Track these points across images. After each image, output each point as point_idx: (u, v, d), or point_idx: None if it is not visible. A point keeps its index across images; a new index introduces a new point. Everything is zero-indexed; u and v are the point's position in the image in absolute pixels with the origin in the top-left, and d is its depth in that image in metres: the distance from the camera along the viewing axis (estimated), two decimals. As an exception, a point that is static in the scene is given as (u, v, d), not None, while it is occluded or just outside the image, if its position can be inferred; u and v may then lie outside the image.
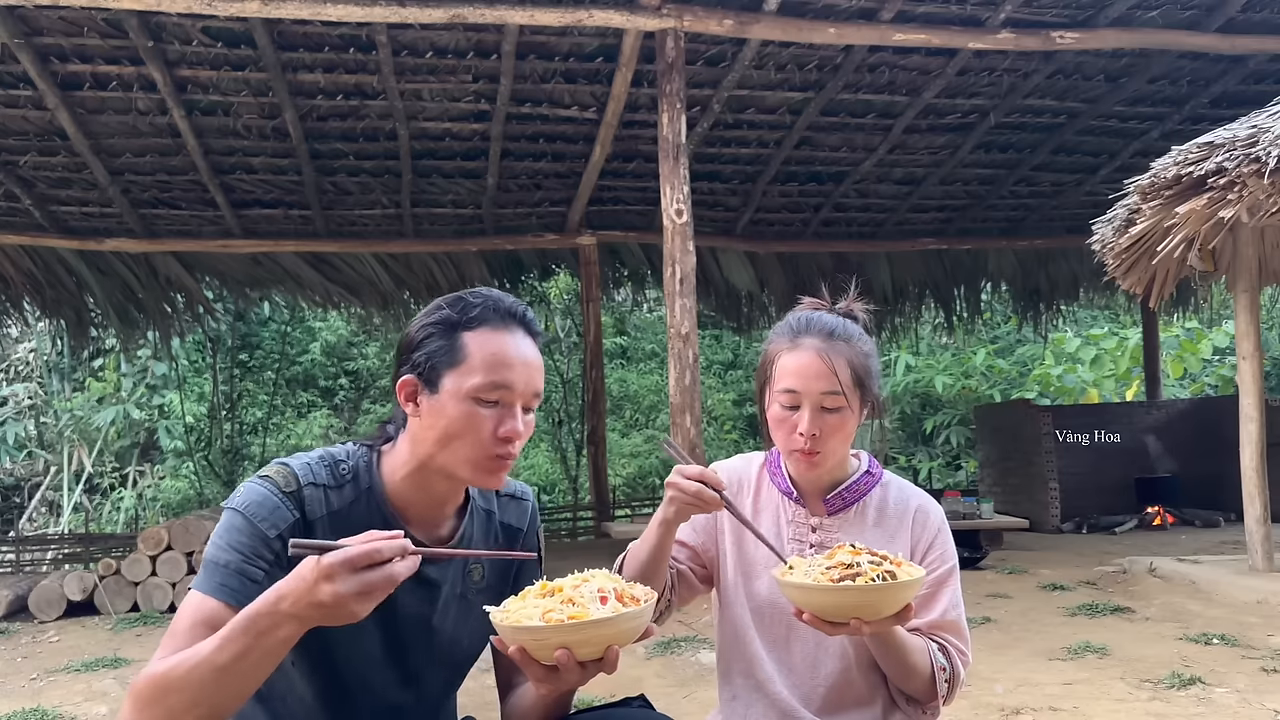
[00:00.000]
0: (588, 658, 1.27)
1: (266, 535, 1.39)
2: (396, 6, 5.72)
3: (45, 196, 8.59)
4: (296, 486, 1.44)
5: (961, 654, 1.71)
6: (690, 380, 5.93)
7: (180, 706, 1.23)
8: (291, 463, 1.48)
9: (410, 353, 1.47)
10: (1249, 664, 4.11)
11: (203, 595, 1.34)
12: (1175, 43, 6.90)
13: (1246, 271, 5.96)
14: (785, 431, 1.69)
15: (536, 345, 1.50)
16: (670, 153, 6.02)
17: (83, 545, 9.35)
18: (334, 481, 1.47)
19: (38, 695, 4.50)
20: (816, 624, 1.48)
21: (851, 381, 1.68)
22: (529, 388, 1.46)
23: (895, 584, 1.43)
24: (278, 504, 1.41)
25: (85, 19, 6.20)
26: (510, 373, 1.43)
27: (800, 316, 1.75)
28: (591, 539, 10.02)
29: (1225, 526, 8.78)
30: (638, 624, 1.29)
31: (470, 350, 1.43)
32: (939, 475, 13.87)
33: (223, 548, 1.38)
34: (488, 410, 1.42)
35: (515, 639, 1.26)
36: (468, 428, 1.42)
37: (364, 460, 1.51)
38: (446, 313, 1.46)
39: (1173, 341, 13.63)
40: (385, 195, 8.94)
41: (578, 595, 1.29)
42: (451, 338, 1.44)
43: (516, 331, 1.47)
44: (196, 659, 1.23)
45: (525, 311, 1.50)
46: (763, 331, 12.02)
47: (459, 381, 1.42)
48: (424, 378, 1.44)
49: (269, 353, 14.56)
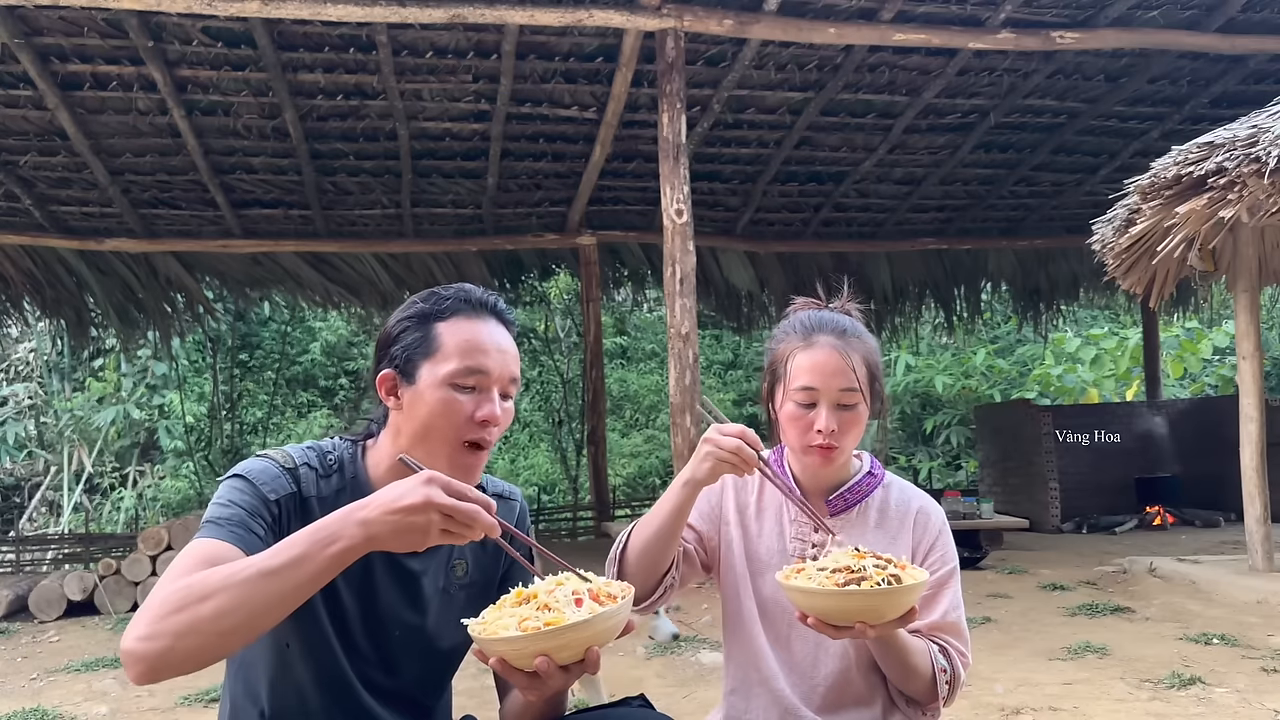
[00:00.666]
0: (568, 661, 1.26)
1: (267, 497, 1.42)
2: (396, 6, 5.72)
3: (45, 196, 8.59)
4: (294, 465, 1.49)
5: (962, 655, 1.71)
6: (690, 380, 5.93)
7: (209, 614, 1.17)
8: (286, 448, 1.53)
9: (388, 348, 1.50)
10: (1249, 664, 4.10)
11: (210, 540, 1.33)
12: (1175, 43, 6.90)
13: (1246, 271, 5.96)
14: (800, 429, 1.68)
15: (511, 334, 1.53)
16: (670, 153, 6.02)
17: (83, 545, 9.36)
18: (322, 470, 1.51)
19: (38, 695, 4.50)
20: (821, 628, 1.47)
21: (866, 378, 1.69)
22: (504, 372, 1.49)
23: (900, 588, 1.42)
24: (278, 473, 1.46)
25: (85, 19, 6.20)
26: (485, 358, 1.46)
27: (809, 315, 1.75)
28: (591, 539, 10.02)
29: (1225, 526, 8.77)
30: (615, 623, 1.27)
31: (444, 339, 1.47)
32: (939, 475, 13.87)
33: (225, 503, 1.39)
34: (465, 395, 1.45)
35: (493, 650, 1.25)
36: (445, 413, 1.44)
37: (349, 453, 1.55)
38: (420, 306, 1.50)
39: (1173, 341, 13.63)
40: (385, 195, 8.94)
41: (552, 600, 1.27)
42: (426, 329, 1.48)
43: (489, 320, 1.51)
44: (241, 565, 1.20)
45: (497, 302, 1.54)
46: (762, 331, 12.01)
47: (435, 369, 1.45)
48: (401, 370, 1.48)
49: (269, 353, 14.56)
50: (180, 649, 1.17)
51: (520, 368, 1.54)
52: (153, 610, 1.19)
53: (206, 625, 1.17)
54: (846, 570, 1.45)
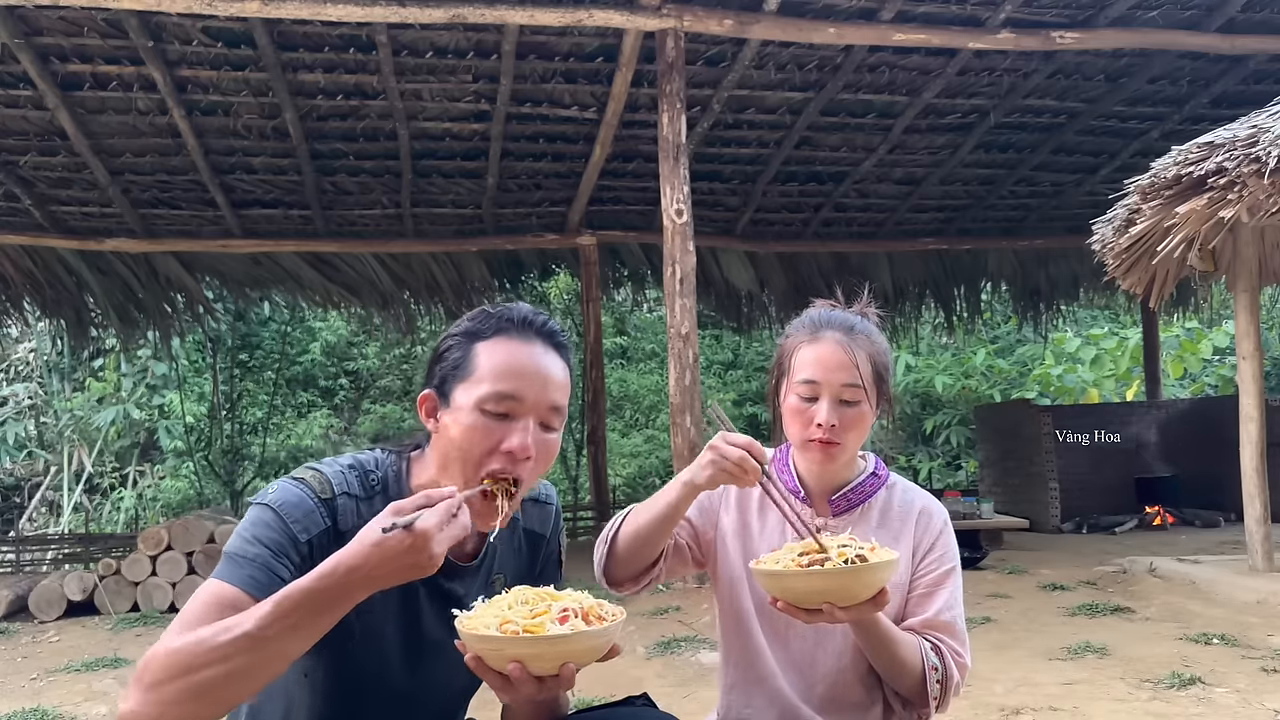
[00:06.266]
0: (542, 672, 1.22)
1: (297, 537, 1.33)
2: (396, 6, 5.72)
3: (45, 196, 8.59)
4: (331, 494, 1.38)
5: (957, 655, 1.67)
6: (690, 380, 5.93)
7: (201, 684, 1.15)
8: (325, 469, 1.42)
9: (434, 366, 1.43)
10: (1249, 664, 4.10)
11: (224, 583, 1.27)
12: (1175, 43, 6.90)
13: (1246, 271, 5.96)
14: (802, 423, 1.67)
15: (561, 358, 1.43)
16: (670, 153, 6.02)
17: (83, 545, 9.34)
18: (364, 493, 1.42)
19: (38, 695, 4.50)
20: (791, 611, 1.48)
21: (871, 376, 1.68)
22: (542, 400, 1.37)
23: (863, 566, 1.42)
24: (312, 508, 1.36)
25: (85, 19, 6.21)
26: (519, 382, 1.36)
27: (819, 312, 1.75)
28: (591, 539, 10.01)
29: (1225, 526, 8.77)
30: (594, 644, 1.24)
31: (480, 360, 1.38)
32: (939, 475, 13.86)
33: (250, 540, 1.31)
34: (495, 423, 1.35)
35: (471, 645, 1.24)
36: (470, 439, 1.34)
37: (393, 470, 1.46)
38: (466, 324, 1.43)
39: (1173, 341, 13.63)
40: (385, 195, 8.94)
41: (544, 608, 1.26)
42: (467, 349, 1.40)
43: (534, 342, 1.40)
44: (234, 632, 1.16)
45: (546, 322, 1.43)
46: (763, 331, 12.03)
47: (469, 393, 1.36)
48: (440, 391, 1.40)
49: (269, 353, 14.55)
50: (173, 716, 1.17)
51: (569, 396, 1.42)
52: (150, 673, 1.17)
53: (200, 693, 1.16)
54: (814, 552, 1.47)
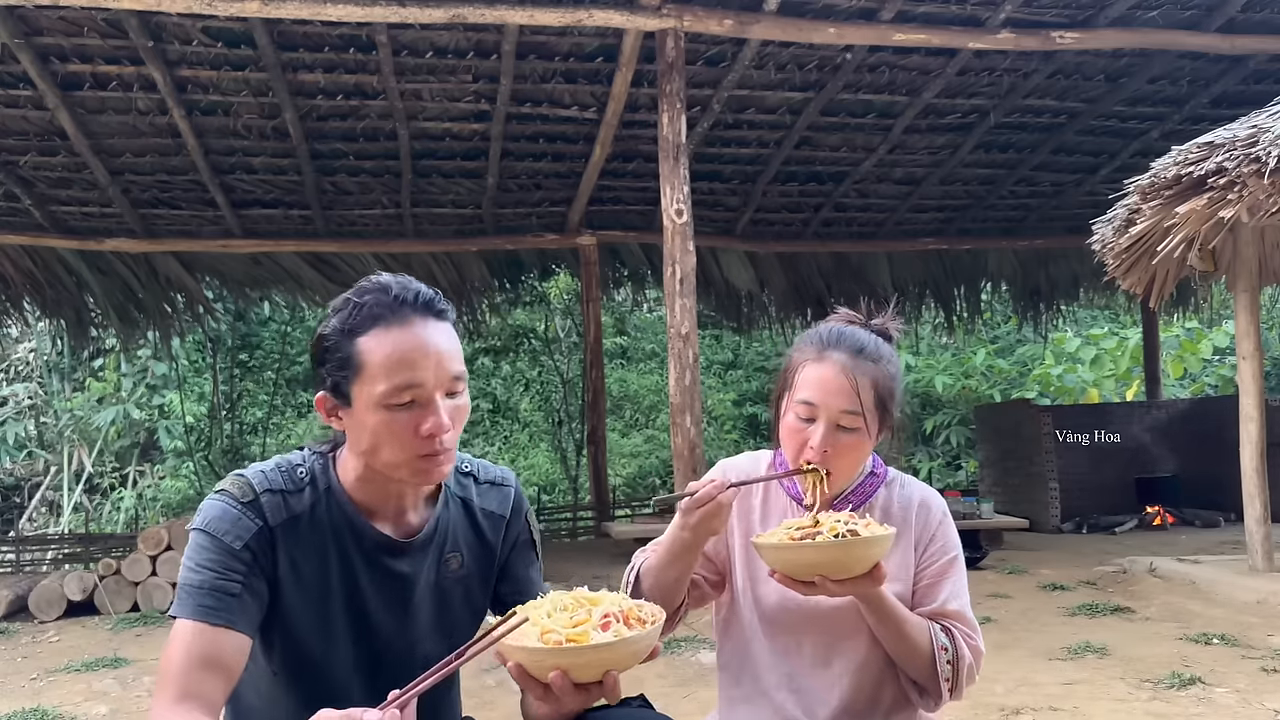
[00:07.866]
0: (586, 680, 1.24)
1: (233, 548, 1.38)
2: (396, 6, 5.72)
3: (45, 196, 8.58)
4: (254, 495, 1.42)
5: (968, 637, 1.68)
6: (690, 380, 5.93)
7: None
8: (246, 473, 1.46)
9: (319, 367, 1.42)
10: (1249, 664, 4.10)
11: (185, 621, 1.34)
12: (1175, 43, 6.89)
13: (1246, 271, 5.96)
14: (796, 444, 1.65)
15: (443, 321, 1.41)
16: (670, 153, 6.02)
17: (83, 545, 9.34)
18: (293, 486, 1.45)
19: (38, 695, 4.49)
20: (786, 583, 1.52)
21: (873, 403, 1.63)
22: (442, 375, 1.37)
23: (854, 540, 1.46)
24: (238, 515, 1.40)
25: (85, 19, 6.20)
26: (414, 371, 1.35)
27: (830, 329, 1.70)
28: (591, 539, 10.01)
29: (1225, 526, 8.76)
30: (638, 649, 1.25)
31: (367, 357, 1.36)
32: (939, 475, 13.85)
33: (193, 569, 1.37)
34: (405, 413, 1.36)
35: (512, 656, 1.24)
36: (388, 436, 1.36)
37: (319, 463, 1.50)
38: (336, 321, 1.40)
39: (1173, 341, 13.62)
40: (385, 195, 8.93)
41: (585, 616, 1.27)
42: (347, 348, 1.37)
43: (412, 321, 1.38)
44: None
45: (419, 293, 1.40)
46: (763, 332, 12.02)
47: (366, 392, 1.36)
48: (336, 392, 1.40)
49: (269, 353, 14.54)
50: None
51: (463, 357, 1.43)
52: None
53: None
54: (809, 527, 1.52)
